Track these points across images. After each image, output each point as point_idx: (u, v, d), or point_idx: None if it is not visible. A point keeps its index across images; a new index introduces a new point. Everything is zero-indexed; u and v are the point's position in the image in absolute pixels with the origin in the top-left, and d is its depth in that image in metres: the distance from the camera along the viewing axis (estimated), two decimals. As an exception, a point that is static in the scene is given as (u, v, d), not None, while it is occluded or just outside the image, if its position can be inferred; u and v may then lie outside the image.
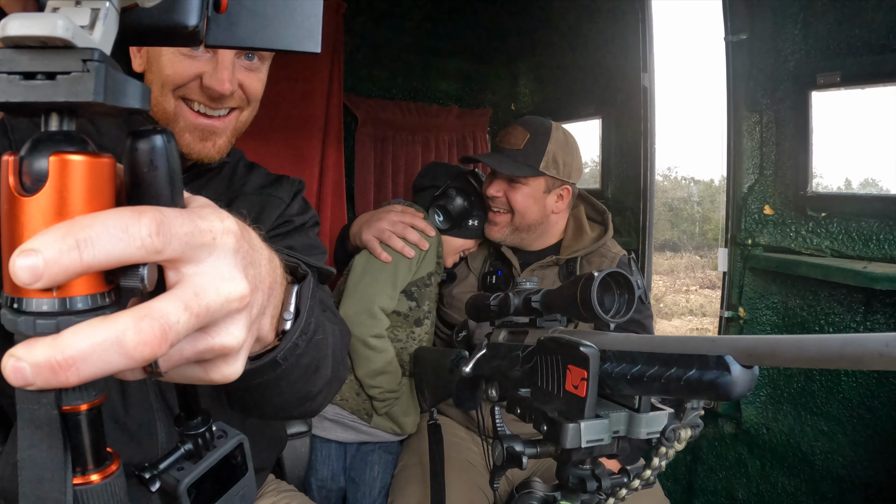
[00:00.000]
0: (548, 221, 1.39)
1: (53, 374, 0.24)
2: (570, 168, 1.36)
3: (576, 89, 2.17)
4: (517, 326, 0.81)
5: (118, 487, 0.32)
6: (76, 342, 0.24)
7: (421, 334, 1.37)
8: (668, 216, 11.22)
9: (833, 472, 1.38)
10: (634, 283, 0.64)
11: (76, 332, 0.25)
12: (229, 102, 0.76)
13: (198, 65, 0.72)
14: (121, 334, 0.25)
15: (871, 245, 1.33)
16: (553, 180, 1.35)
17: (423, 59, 2.39)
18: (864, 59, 1.30)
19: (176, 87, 0.72)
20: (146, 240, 0.25)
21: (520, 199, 1.34)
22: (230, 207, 0.79)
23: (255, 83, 0.78)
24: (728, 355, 0.43)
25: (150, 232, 0.25)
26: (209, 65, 0.72)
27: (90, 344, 0.24)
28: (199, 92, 0.73)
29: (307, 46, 0.37)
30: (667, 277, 9.05)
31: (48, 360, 0.24)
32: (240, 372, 0.32)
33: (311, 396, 0.66)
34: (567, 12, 2.16)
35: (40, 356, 0.24)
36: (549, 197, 1.36)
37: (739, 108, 1.56)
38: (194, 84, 0.72)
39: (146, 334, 0.25)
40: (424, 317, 1.37)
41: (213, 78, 0.72)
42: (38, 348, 0.24)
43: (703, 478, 1.67)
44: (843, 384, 1.37)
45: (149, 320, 0.25)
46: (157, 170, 0.28)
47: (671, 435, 0.54)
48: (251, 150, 1.98)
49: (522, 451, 0.67)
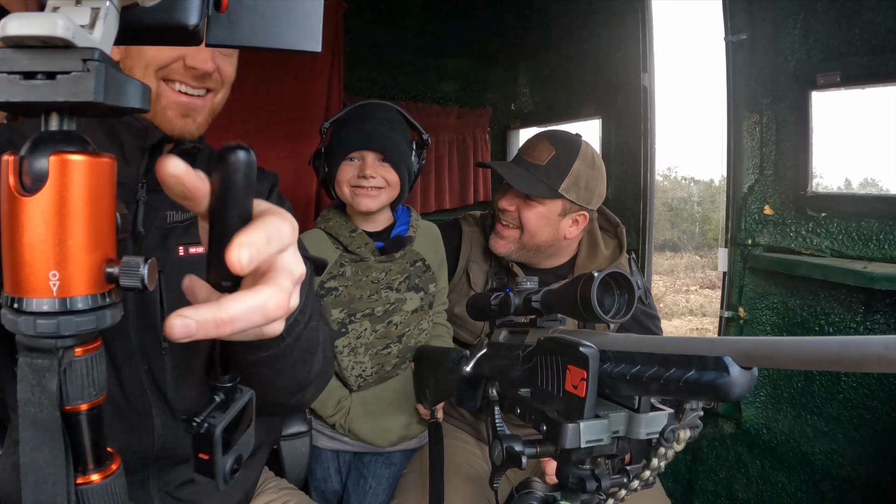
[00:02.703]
0: (559, 244, 1.30)
1: (216, 328, 0.32)
2: (592, 194, 1.26)
3: (576, 89, 2.17)
4: (518, 326, 0.81)
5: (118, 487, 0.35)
6: (235, 307, 0.33)
7: (342, 347, 1.22)
8: (668, 216, 11.22)
9: (833, 472, 1.38)
10: (634, 283, 0.64)
11: (233, 300, 0.33)
12: (208, 83, 0.79)
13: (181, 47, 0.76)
14: (265, 301, 0.34)
15: (871, 245, 1.33)
16: (571, 204, 1.24)
17: (423, 59, 2.40)
18: (864, 59, 1.30)
19: (159, 69, 0.76)
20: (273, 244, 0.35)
21: (532, 218, 1.24)
22: None
23: (229, 67, 0.83)
24: (727, 356, 0.43)
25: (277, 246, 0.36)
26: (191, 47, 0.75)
27: (245, 308, 0.33)
28: (182, 72, 0.77)
29: (307, 45, 0.38)
30: (667, 277, 9.06)
31: (214, 318, 0.32)
32: (281, 329, 0.40)
33: (305, 384, 0.74)
34: (567, 12, 2.16)
35: (207, 316, 0.32)
36: (563, 220, 1.26)
37: (739, 108, 1.56)
38: (177, 65, 0.76)
39: (280, 300, 0.35)
40: (341, 328, 1.22)
41: (195, 58, 0.76)
42: (204, 310, 0.32)
43: (703, 478, 1.67)
44: (843, 384, 1.37)
45: (281, 291, 0.35)
46: (247, 178, 0.33)
47: (670, 436, 0.54)
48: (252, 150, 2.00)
49: (522, 451, 0.67)
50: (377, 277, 1.23)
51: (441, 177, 2.42)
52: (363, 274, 1.22)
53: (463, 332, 1.35)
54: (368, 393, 1.26)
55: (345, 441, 1.28)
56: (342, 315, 1.21)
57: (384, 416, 1.26)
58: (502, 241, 1.29)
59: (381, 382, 1.26)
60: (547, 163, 1.23)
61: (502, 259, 1.33)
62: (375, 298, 1.23)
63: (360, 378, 1.23)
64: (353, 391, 1.25)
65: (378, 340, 1.23)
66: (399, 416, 1.28)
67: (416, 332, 1.28)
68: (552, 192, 1.21)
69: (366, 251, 1.22)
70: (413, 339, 1.28)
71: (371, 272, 1.22)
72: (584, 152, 1.25)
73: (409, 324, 1.27)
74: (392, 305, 1.24)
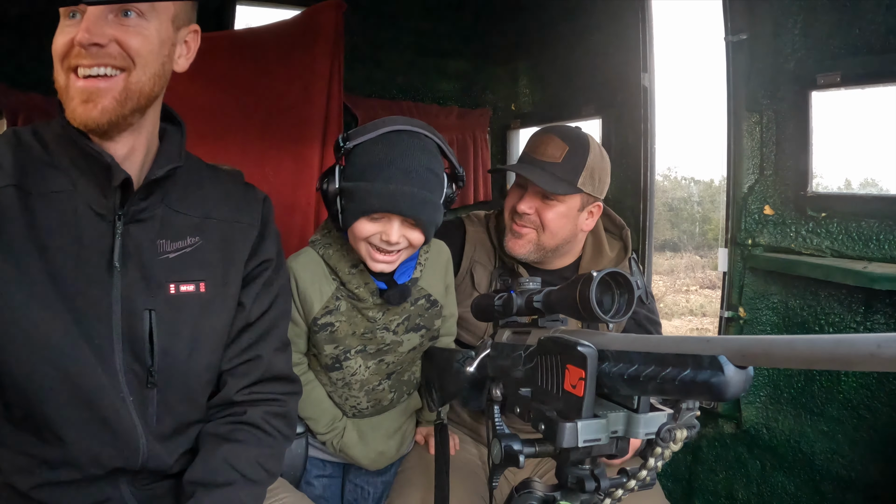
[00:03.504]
0: (574, 240, 1.29)
1: None
2: (605, 185, 1.27)
3: (576, 89, 2.17)
4: (521, 326, 0.82)
5: None
6: None
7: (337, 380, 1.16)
8: (668, 216, 11.21)
9: (833, 472, 1.38)
10: (634, 283, 0.64)
11: None
12: (106, 59, 0.72)
13: (73, 29, 0.72)
14: None
15: (871, 245, 1.33)
16: (588, 197, 1.24)
17: (423, 59, 2.40)
18: (864, 59, 1.30)
19: (63, 58, 0.72)
20: None
21: (553, 217, 1.22)
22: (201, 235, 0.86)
23: (133, 39, 0.74)
24: (722, 356, 0.43)
25: None
26: (82, 24, 0.72)
27: None
28: (80, 54, 0.71)
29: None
30: (667, 277, 9.05)
31: None
32: None
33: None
34: (567, 12, 2.16)
35: None
36: (581, 214, 1.26)
37: (739, 108, 1.56)
38: (75, 49, 0.71)
39: None
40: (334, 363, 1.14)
41: (82, 33, 0.70)
42: None
43: (703, 478, 1.67)
44: (844, 384, 1.37)
45: None
46: None
47: (666, 435, 0.54)
48: (252, 150, 2.00)
49: (520, 450, 0.67)
50: (373, 317, 1.12)
51: (441, 177, 2.42)
52: (358, 312, 1.11)
53: (466, 333, 1.34)
54: (363, 422, 1.21)
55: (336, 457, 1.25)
56: (336, 351, 1.13)
57: (379, 443, 1.21)
58: (520, 241, 1.26)
59: (378, 414, 1.22)
60: (563, 159, 1.21)
61: (506, 260, 1.31)
62: (369, 337, 1.13)
63: (356, 409, 1.19)
64: (348, 417, 1.20)
65: (372, 377, 1.16)
66: (394, 439, 1.24)
67: (409, 367, 1.22)
68: (572, 188, 1.21)
69: (364, 292, 1.09)
70: (406, 373, 1.22)
71: (368, 311, 1.11)
72: (593, 144, 1.25)
73: (404, 362, 1.19)
74: (387, 346, 1.15)
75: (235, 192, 0.93)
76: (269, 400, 0.92)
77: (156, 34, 0.76)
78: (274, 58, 2.01)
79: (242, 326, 0.90)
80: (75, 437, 0.78)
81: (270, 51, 2.02)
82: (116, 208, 0.78)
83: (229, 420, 0.89)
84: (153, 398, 0.83)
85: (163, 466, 0.85)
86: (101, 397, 0.78)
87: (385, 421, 1.23)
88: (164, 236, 0.83)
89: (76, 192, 0.78)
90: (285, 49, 2.02)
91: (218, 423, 0.89)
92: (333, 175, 1.03)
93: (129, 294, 0.80)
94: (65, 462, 0.79)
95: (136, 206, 0.80)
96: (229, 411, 0.90)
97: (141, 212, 0.81)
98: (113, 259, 0.78)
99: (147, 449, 0.82)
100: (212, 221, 0.88)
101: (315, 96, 2.03)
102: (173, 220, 0.84)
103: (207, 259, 0.86)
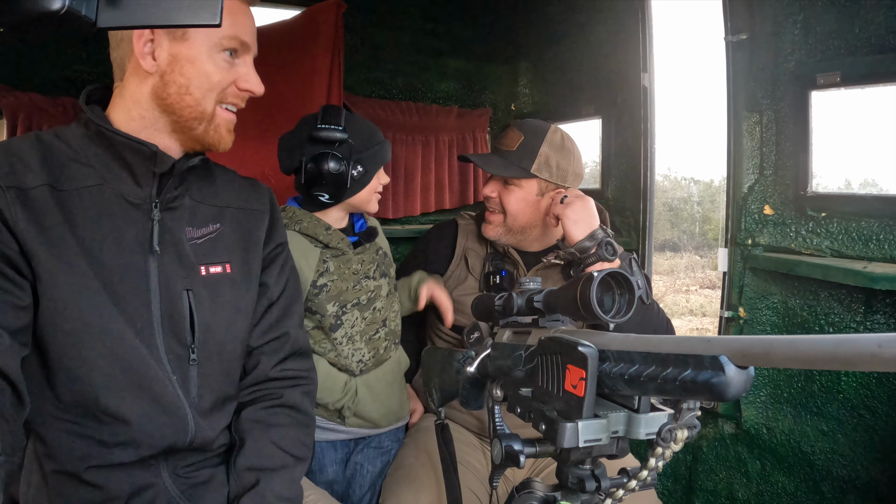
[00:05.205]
0: (543, 224, 1.38)
1: None
2: (566, 172, 1.35)
3: (576, 89, 2.17)
4: (521, 326, 0.82)
5: None
6: None
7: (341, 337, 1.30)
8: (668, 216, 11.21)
9: (833, 472, 1.38)
10: (635, 283, 0.64)
11: None
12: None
13: (230, 68, 0.85)
14: None
15: (871, 245, 1.33)
16: (547, 184, 1.35)
17: (423, 59, 2.40)
18: (864, 59, 1.30)
19: (219, 91, 0.85)
20: None
21: (512, 201, 1.35)
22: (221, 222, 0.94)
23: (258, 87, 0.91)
24: (723, 356, 0.43)
25: None
26: (242, 69, 0.87)
27: None
28: (236, 94, 0.87)
29: (205, 19, 0.36)
30: (667, 277, 9.05)
31: None
32: None
33: None
34: (567, 12, 2.16)
35: None
36: (543, 200, 1.36)
37: (739, 108, 1.56)
38: (231, 89, 0.86)
39: None
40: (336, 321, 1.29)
41: (249, 81, 0.87)
42: None
43: (703, 478, 1.67)
44: (844, 384, 1.37)
45: None
46: None
47: (667, 435, 0.54)
48: (251, 150, 2.00)
49: (521, 450, 0.67)
50: (356, 269, 1.32)
51: (441, 177, 2.42)
52: (345, 267, 1.31)
53: (460, 316, 1.41)
54: (370, 376, 1.33)
55: (339, 430, 1.33)
56: (335, 308, 1.28)
57: (386, 398, 1.36)
58: (489, 225, 1.40)
59: (378, 366, 1.35)
60: (517, 147, 1.34)
61: (497, 245, 1.43)
62: (359, 288, 1.32)
63: (361, 363, 1.32)
64: (356, 376, 1.32)
65: (369, 327, 1.33)
66: (397, 396, 1.39)
67: (392, 314, 1.39)
68: (524, 173, 1.33)
69: (344, 245, 1.30)
70: (393, 321, 1.39)
71: (351, 264, 1.31)
72: (551, 135, 1.35)
73: (387, 307, 1.37)
74: (373, 293, 1.34)
75: (243, 183, 1.02)
76: (300, 377, 1.02)
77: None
78: (274, 58, 2.00)
79: (267, 305, 0.99)
80: (134, 417, 0.82)
81: (270, 51, 2.01)
82: (153, 196, 0.85)
83: (265, 405, 0.97)
84: (195, 375, 0.88)
85: (207, 442, 0.90)
86: (151, 377, 0.83)
87: (385, 374, 1.36)
88: (191, 224, 0.91)
89: (105, 185, 0.83)
90: (285, 49, 2.02)
91: (255, 409, 0.97)
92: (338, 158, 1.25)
93: (167, 277, 0.86)
94: (121, 442, 0.83)
95: (171, 193, 0.87)
96: (264, 392, 0.98)
97: (174, 199, 0.88)
98: (153, 244, 0.84)
99: (194, 425, 0.87)
100: (229, 210, 0.96)
101: (314, 96, 2.03)
102: (196, 209, 0.92)
103: (229, 243, 0.94)
